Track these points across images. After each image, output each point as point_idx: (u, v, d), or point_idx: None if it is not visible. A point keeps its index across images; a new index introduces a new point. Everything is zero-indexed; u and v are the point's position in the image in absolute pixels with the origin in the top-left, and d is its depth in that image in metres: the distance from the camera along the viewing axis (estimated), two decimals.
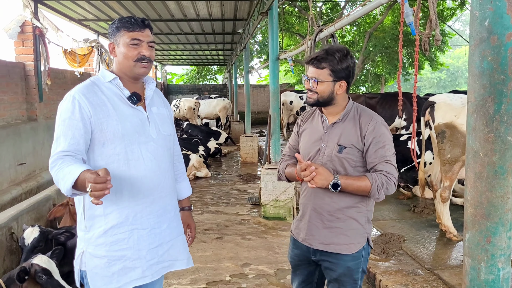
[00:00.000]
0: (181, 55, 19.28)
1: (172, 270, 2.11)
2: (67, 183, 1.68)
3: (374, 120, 2.07)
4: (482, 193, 1.27)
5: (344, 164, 2.06)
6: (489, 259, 1.25)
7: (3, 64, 6.53)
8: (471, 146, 1.28)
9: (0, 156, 5.96)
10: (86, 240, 1.94)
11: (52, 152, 1.85)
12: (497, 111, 1.22)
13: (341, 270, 2.12)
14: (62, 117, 1.88)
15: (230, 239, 5.18)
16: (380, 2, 2.50)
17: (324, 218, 2.11)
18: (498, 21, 1.22)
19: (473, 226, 1.29)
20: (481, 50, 1.26)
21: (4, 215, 4.08)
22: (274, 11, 6.01)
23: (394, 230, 4.97)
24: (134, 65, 1.96)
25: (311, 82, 2.07)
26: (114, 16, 9.45)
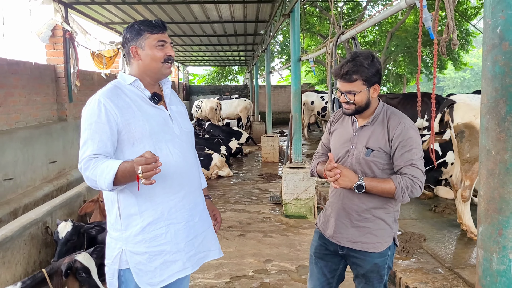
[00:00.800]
0: (203, 56, 19.53)
1: (207, 260, 2.19)
2: (108, 176, 1.79)
3: (403, 123, 2.09)
4: (494, 189, 1.37)
5: (372, 167, 2.12)
6: (501, 251, 1.34)
7: (36, 66, 6.83)
8: (483, 145, 1.37)
9: (33, 154, 6.25)
10: (124, 239, 2.00)
11: (81, 156, 1.90)
12: (508, 112, 1.31)
13: (368, 267, 2.19)
14: (89, 121, 1.93)
15: (252, 236, 5.30)
16: (400, 7, 2.59)
17: (352, 217, 2.19)
18: (509, 28, 1.32)
19: (486, 220, 1.39)
20: (493, 56, 1.35)
21: (39, 210, 4.32)
22: (296, 13, 6.12)
23: (415, 229, 5.00)
24: (162, 66, 2.05)
25: (347, 95, 2.09)
26: (139, 19, 9.71)
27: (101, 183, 1.82)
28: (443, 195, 6.24)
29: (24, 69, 6.49)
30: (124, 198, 2.00)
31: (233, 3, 8.27)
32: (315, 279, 2.41)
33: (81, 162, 1.88)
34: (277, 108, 21.66)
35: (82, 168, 1.88)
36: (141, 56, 2.04)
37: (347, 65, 2.08)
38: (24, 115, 6.43)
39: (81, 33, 7.95)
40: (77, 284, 2.98)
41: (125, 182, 1.84)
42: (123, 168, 1.79)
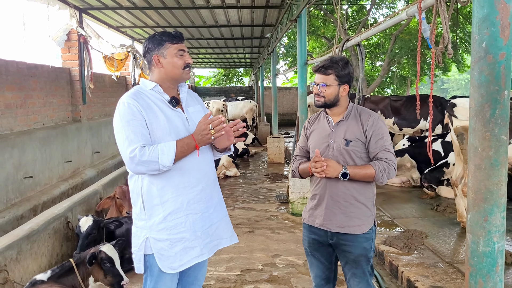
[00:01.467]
0: (209, 58, 19.81)
1: (219, 247, 2.43)
2: (171, 153, 2.09)
3: (372, 116, 2.46)
4: (480, 181, 1.59)
5: (352, 155, 2.43)
6: (486, 235, 1.56)
7: (53, 69, 7.11)
8: (472, 143, 1.59)
9: (50, 154, 6.52)
10: (148, 227, 2.22)
11: (129, 148, 2.10)
12: (492, 115, 1.54)
13: (358, 251, 2.46)
14: (126, 119, 2.14)
15: (260, 233, 5.52)
16: (401, 18, 2.81)
17: (340, 204, 2.46)
18: (493, 43, 1.54)
19: (473, 208, 1.61)
20: (480, 66, 1.58)
21: (61, 206, 4.57)
22: (302, 19, 6.36)
23: (417, 227, 5.18)
24: (182, 72, 2.30)
25: (320, 87, 2.45)
26: (149, 23, 9.98)
27: (164, 160, 2.09)
28: (445, 195, 6.42)
29: (42, 72, 6.77)
30: (147, 190, 2.24)
31: (241, 8, 8.52)
32: (315, 268, 2.68)
33: (133, 152, 2.09)
34: (282, 110, 21.88)
35: (137, 155, 2.08)
36: (163, 64, 2.27)
37: (326, 61, 2.47)
38: (41, 116, 6.71)
39: (94, 37, 8.23)
40: (102, 272, 3.20)
41: (183, 155, 2.15)
42: (180, 143, 2.11)
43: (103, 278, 3.22)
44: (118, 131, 2.18)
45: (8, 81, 5.81)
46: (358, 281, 2.54)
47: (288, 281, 4.11)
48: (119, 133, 2.17)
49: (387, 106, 9.74)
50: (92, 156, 8.30)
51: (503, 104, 1.50)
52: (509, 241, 4.66)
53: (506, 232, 4.93)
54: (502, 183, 1.51)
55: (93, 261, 3.16)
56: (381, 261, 4.57)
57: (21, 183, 5.67)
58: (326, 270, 2.65)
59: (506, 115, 1.50)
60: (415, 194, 6.85)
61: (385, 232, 5.11)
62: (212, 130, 2.13)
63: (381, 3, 18.78)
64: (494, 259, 1.51)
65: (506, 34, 1.48)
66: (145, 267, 2.28)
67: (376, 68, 23.08)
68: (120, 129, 2.16)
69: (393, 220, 5.54)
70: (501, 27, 1.47)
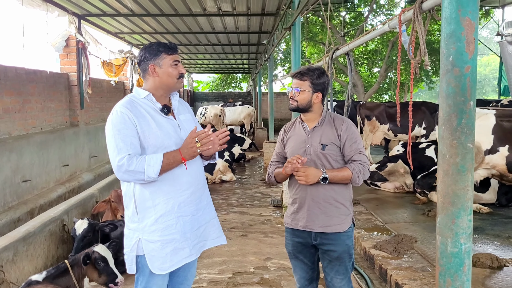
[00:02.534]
0: (207, 64, 19.95)
1: (205, 248, 2.54)
2: (157, 165, 2.16)
3: (345, 122, 2.61)
4: (448, 186, 1.70)
5: (328, 158, 2.57)
6: (454, 236, 1.67)
7: (51, 75, 7.23)
8: (440, 150, 1.70)
9: (48, 158, 6.62)
10: (140, 229, 2.31)
11: (118, 156, 2.19)
12: (459, 124, 1.64)
13: (341, 249, 2.59)
14: (117, 128, 2.23)
15: (254, 237, 5.61)
16: (383, 30, 2.94)
17: (321, 205, 2.59)
18: (459, 57, 1.65)
19: (442, 211, 1.71)
20: (447, 78, 1.69)
21: (57, 209, 4.67)
22: (297, 27, 6.48)
23: (408, 232, 5.25)
24: (176, 82, 2.42)
25: (294, 91, 2.60)
26: (147, 29, 10.12)
27: (149, 172, 2.17)
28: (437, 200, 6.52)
29: (40, 77, 6.88)
30: (140, 194, 2.34)
31: (237, 15, 8.66)
32: (299, 270, 2.79)
33: (121, 161, 2.18)
34: (280, 115, 21.99)
35: (125, 165, 2.17)
36: (158, 73, 2.37)
37: (302, 68, 2.63)
38: (39, 121, 6.81)
39: (92, 43, 8.36)
40: (96, 272, 3.29)
41: (168, 168, 2.23)
42: (167, 156, 2.19)
43: (98, 278, 3.30)
44: (109, 139, 2.27)
45: (7, 86, 5.92)
46: (341, 278, 2.66)
47: (279, 283, 4.20)
48: (110, 141, 2.26)
49: (382, 112, 9.85)
50: (89, 160, 8.40)
51: (468, 114, 1.61)
52: (497, 246, 4.74)
53: (494, 236, 5.01)
54: (468, 188, 1.61)
55: (87, 261, 3.25)
56: (371, 265, 4.65)
57: (19, 187, 5.77)
58: (309, 271, 2.76)
59: (472, 124, 1.60)
60: (408, 200, 6.93)
61: (376, 236, 5.18)
62: (198, 143, 2.23)
63: (378, 10, 18.95)
64: (462, 259, 1.60)
65: (471, 49, 1.59)
66: (137, 267, 2.37)
67: (373, 74, 23.24)
68: (111, 137, 2.25)
69: (384, 225, 5.62)
70: (466, 42, 1.58)
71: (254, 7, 8.16)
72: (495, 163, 5.20)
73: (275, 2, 7.78)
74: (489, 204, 6.23)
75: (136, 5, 7.74)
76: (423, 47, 2.22)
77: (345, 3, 16.12)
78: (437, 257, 1.72)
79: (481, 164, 5.11)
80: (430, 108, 9.44)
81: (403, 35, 2.59)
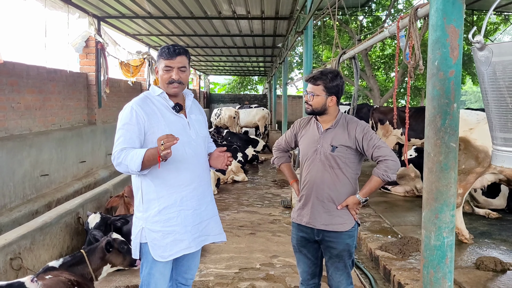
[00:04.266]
0: (223, 66, 20.16)
1: (206, 243, 2.66)
2: (137, 160, 2.26)
3: (359, 123, 2.65)
4: (432, 182, 1.80)
5: (336, 160, 2.64)
6: (437, 230, 1.77)
7: (70, 74, 7.50)
8: (426, 149, 1.81)
9: (66, 154, 6.87)
10: (144, 218, 2.47)
11: (114, 149, 2.36)
12: (443, 125, 1.75)
13: (341, 247, 2.69)
14: (122, 122, 2.41)
15: (262, 235, 5.73)
16: (384, 35, 3.05)
17: (324, 204, 2.69)
18: (444, 62, 1.76)
19: (426, 207, 1.82)
20: (433, 82, 1.80)
21: (73, 202, 4.88)
22: (309, 31, 6.60)
23: (414, 234, 5.28)
24: (167, 86, 2.53)
25: (309, 96, 2.67)
26: (164, 31, 10.35)
27: (131, 166, 2.28)
28: None
29: (60, 76, 7.15)
30: (146, 186, 2.50)
31: (252, 19, 8.81)
32: (302, 264, 2.91)
33: (114, 154, 2.34)
34: (295, 118, 21.85)
35: (115, 158, 2.32)
36: (158, 75, 2.56)
37: (316, 73, 2.67)
38: (59, 118, 7.08)
39: (111, 44, 8.61)
40: (121, 256, 3.45)
41: (149, 164, 2.32)
42: (148, 153, 2.29)
43: (122, 261, 3.46)
44: (116, 131, 2.45)
45: (28, 85, 6.19)
46: (340, 273, 2.76)
47: (283, 279, 4.32)
48: (116, 135, 2.44)
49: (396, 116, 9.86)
50: (105, 158, 8.65)
51: (452, 115, 1.71)
52: (502, 250, 4.77)
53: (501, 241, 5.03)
54: (451, 185, 1.71)
55: (110, 249, 3.41)
56: (376, 265, 4.73)
57: (37, 181, 6.02)
58: (312, 265, 2.88)
59: (456, 125, 1.70)
60: (418, 204, 6.95)
61: (382, 238, 5.25)
62: (162, 146, 2.17)
63: (396, 14, 18.91)
64: (444, 252, 1.70)
65: (455, 54, 1.69)
66: (141, 254, 2.53)
67: (390, 79, 23.14)
68: (117, 131, 2.42)
69: (392, 227, 5.68)
70: (450, 48, 1.69)
71: (268, 11, 8.30)
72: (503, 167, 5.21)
73: (288, 6, 7.91)
74: (499, 210, 6.23)
75: (153, 8, 7.97)
76: (417, 52, 2.33)
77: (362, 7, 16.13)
78: (421, 250, 1.83)
79: (489, 169, 5.12)
80: None
81: (401, 40, 2.70)
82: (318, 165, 2.69)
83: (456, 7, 1.69)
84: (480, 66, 1.33)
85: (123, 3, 7.64)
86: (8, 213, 5.21)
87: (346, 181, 2.68)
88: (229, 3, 7.74)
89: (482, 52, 1.29)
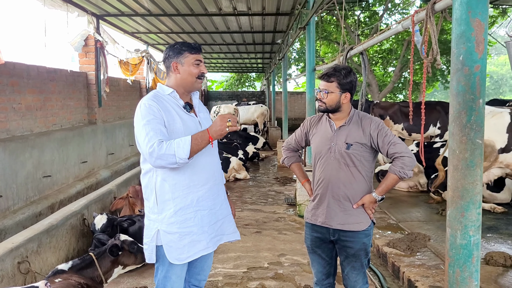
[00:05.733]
0: (221, 63, 20.08)
1: (222, 242, 2.63)
2: (186, 146, 2.22)
3: (373, 120, 2.61)
4: (458, 180, 1.76)
5: (352, 157, 2.60)
6: (463, 229, 1.73)
7: (71, 74, 7.42)
8: (450, 146, 1.77)
9: (67, 154, 6.80)
10: (160, 220, 2.41)
11: (149, 143, 2.24)
12: (468, 121, 1.71)
13: (358, 246, 2.65)
14: (147, 119, 2.30)
15: (268, 234, 5.70)
16: (397, 30, 2.99)
17: (340, 203, 2.65)
18: (469, 57, 1.72)
19: (452, 205, 1.78)
20: (457, 77, 1.76)
21: (78, 203, 4.82)
22: (311, 26, 6.55)
23: (421, 230, 5.29)
24: (195, 81, 2.51)
25: (322, 93, 2.61)
26: (163, 29, 10.27)
27: (180, 153, 2.22)
28: None
29: (60, 76, 7.07)
30: (160, 187, 2.43)
31: (252, 15, 8.75)
32: (316, 264, 2.87)
33: (152, 147, 2.23)
34: (293, 114, 22.02)
35: (156, 149, 2.23)
36: (180, 71, 2.49)
37: (329, 69, 2.62)
38: (59, 118, 7.00)
39: (110, 43, 8.53)
40: (132, 256, 3.43)
41: (198, 149, 2.29)
42: (195, 137, 2.27)
43: (135, 260, 3.46)
44: (139, 130, 2.34)
45: (29, 85, 6.11)
46: (356, 273, 2.73)
47: (293, 278, 4.28)
48: (140, 132, 2.32)
49: (397, 111, 9.84)
50: (106, 158, 8.58)
51: (478, 111, 1.67)
52: (510, 245, 4.76)
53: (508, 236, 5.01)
54: (477, 182, 1.68)
55: (119, 251, 3.37)
56: (384, 262, 4.70)
57: (40, 182, 5.95)
58: (327, 265, 2.84)
59: (481, 121, 1.66)
60: (422, 199, 6.95)
61: (389, 235, 5.23)
62: (229, 122, 2.29)
63: (393, 9, 18.86)
64: (470, 251, 1.67)
65: (480, 49, 1.65)
66: (157, 257, 2.47)
67: (388, 74, 23.11)
68: (141, 128, 2.31)
69: (398, 223, 5.66)
70: (476, 43, 1.65)
71: (269, 7, 8.24)
72: (509, 162, 5.19)
73: (290, 2, 7.85)
74: (504, 204, 6.22)
75: (153, 5, 7.89)
76: (435, 46, 2.28)
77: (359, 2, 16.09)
78: (446, 249, 1.79)
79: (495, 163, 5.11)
80: (445, 107, 9.39)
81: (416, 35, 2.65)
82: (333, 163, 2.64)
83: (481, 1, 1.65)
84: None
85: (123, 0, 7.56)
86: (11, 215, 5.15)
87: (362, 179, 2.64)
88: (230, 0, 7.67)
89: None
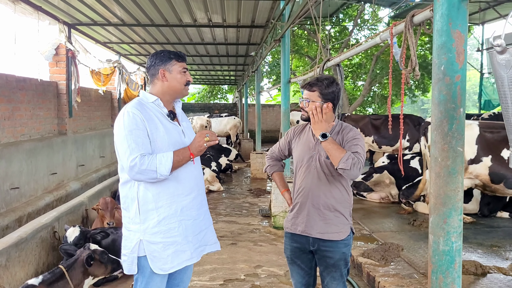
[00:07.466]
0: (193, 75, 20.03)
1: (205, 252, 2.60)
2: (167, 162, 2.24)
3: (352, 130, 2.64)
4: (440, 187, 1.81)
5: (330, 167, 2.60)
6: (445, 235, 1.77)
7: (40, 83, 7.21)
8: (433, 154, 1.82)
9: (36, 166, 6.58)
10: (142, 230, 2.35)
11: (130, 156, 2.23)
12: (450, 129, 1.76)
13: (338, 256, 2.66)
14: (128, 129, 2.27)
15: (243, 245, 5.66)
16: (375, 42, 3.08)
17: (320, 212, 2.66)
18: (450, 67, 1.78)
19: (434, 212, 1.82)
20: (439, 87, 1.82)
21: (48, 215, 4.66)
22: (286, 39, 6.64)
23: (394, 240, 5.37)
24: (183, 88, 2.52)
25: (305, 102, 2.65)
26: (136, 39, 10.17)
27: (162, 170, 2.24)
28: (422, 210, 6.66)
29: (30, 85, 6.87)
30: (143, 196, 2.38)
31: (227, 27, 8.80)
32: (296, 275, 2.85)
33: (134, 161, 2.22)
34: (266, 127, 22.11)
35: (137, 164, 2.22)
36: (167, 78, 2.47)
37: (312, 79, 2.68)
38: (28, 129, 6.78)
39: (82, 52, 8.37)
40: (103, 266, 3.34)
41: (179, 165, 2.31)
42: (176, 153, 2.28)
43: (105, 270, 3.38)
44: (120, 140, 2.30)
45: None
46: (336, 283, 2.73)
47: None
48: (122, 142, 2.29)
49: (367, 124, 10.05)
50: (76, 169, 8.35)
51: (459, 119, 1.73)
52: (480, 254, 4.88)
53: (477, 245, 5.14)
54: (459, 189, 1.73)
55: (91, 261, 3.28)
56: (359, 272, 4.74)
57: (7, 194, 5.72)
58: (306, 276, 2.83)
59: (462, 129, 1.73)
60: (394, 210, 7.06)
61: (363, 245, 5.28)
62: (207, 137, 2.35)
63: (362, 25, 19.39)
64: (453, 257, 1.71)
65: (461, 59, 1.72)
66: (138, 268, 2.39)
67: (358, 88, 23.62)
68: (123, 138, 2.28)
69: (371, 234, 5.73)
70: (456, 53, 1.71)
71: (244, 19, 8.31)
72: (479, 172, 5.36)
73: (265, 14, 7.94)
74: (472, 214, 6.40)
75: (126, 15, 7.81)
76: (414, 58, 2.35)
77: (330, 17, 16.45)
78: (429, 255, 1.82)
79: (465, 174, 5.27)
80: (413, 120, 9.69)
81: (394, 47, 2.74)
82: (313, 172, 2.66)
83: (461, 12, 1.72)
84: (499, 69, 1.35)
85: (96, 9, 7.45)
86: None
87: (342, 188, 2.67)
88: (205, 11, 7.69)
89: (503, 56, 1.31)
